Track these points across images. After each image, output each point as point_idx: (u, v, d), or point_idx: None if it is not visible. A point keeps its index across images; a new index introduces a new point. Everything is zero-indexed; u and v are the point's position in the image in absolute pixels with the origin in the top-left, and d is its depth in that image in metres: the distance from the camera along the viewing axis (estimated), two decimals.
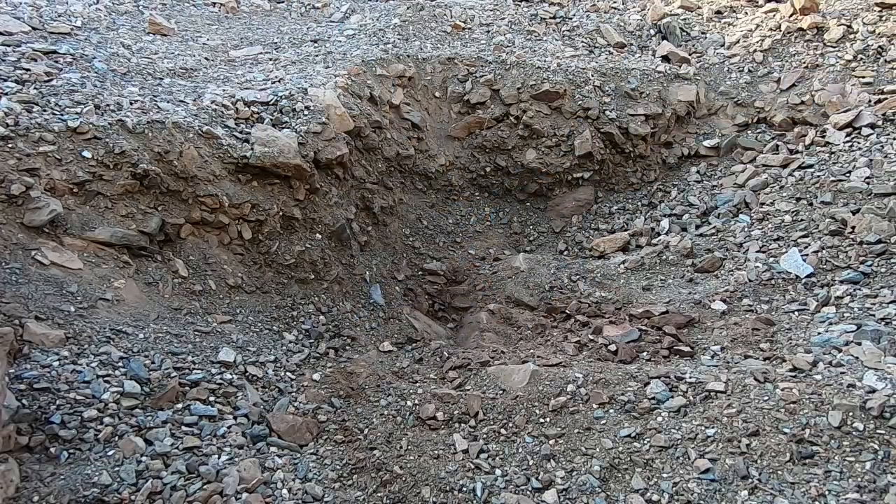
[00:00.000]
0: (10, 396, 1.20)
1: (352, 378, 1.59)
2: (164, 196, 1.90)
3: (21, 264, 1.54)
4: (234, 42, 3.22)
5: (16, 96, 1.92)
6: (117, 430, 1.24)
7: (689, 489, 1.19)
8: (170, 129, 1.98)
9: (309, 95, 2.38)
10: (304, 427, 1.39)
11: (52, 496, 1.09)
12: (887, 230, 1.91)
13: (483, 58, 3.11)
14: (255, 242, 2.08)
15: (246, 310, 1.91)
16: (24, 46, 2.35)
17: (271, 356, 1.69)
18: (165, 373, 1.40)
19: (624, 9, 3.99)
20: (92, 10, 3.12)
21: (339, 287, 2.26)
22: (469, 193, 2.98)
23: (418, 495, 1.23)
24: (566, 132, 2.95)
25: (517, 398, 1.42)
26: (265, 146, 2.09)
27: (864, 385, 1.30)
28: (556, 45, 3.48)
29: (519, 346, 1.79)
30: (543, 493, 1.23)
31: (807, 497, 1.13)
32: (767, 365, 1.49)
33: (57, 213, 1.66)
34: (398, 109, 2.81)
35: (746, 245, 2.18)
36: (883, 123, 2.57)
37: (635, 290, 2.15)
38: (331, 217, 2.30)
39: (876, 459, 1.17)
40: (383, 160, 2.65)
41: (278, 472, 1.26)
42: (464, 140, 2.98)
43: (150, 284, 1.76)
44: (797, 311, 1.76)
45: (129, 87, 2.24)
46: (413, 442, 1.36)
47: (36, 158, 1.73)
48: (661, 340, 1.70)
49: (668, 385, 1.39)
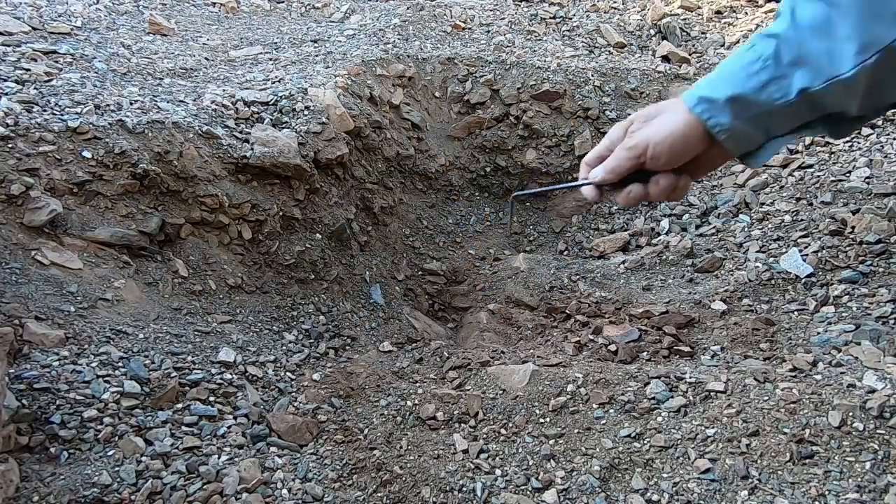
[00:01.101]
0: (10, 396, 1.20)
1: (352, 378, 1.59)
2: (164, 196, 1.90)
3: (21, 264, 1.54)
4: (234, 42, 3.22)
5: (16, 96, 1.92)
6: (117, 430, 1.23)
7: (689, 489, 1.19)
8: (170, 129, 1.97)
9: (309, 95, 2.38)
10: (304, 427, 1.39)
11: (52, 496, 1.09)
12: (887, 230, 1.91)
13: (483, 58, 3.11)
14: (255, 242, 2.07)
15: (246, 310, 1.90)
16: (24, 46, 2.35)
17: (271, 356, 1.68)
18: (165, 373, 1.40)
19: (624, 9, 3.98)
20: (92, 10, 3.12)
21: (339, 287, 2.25)
22: (469, 193, 2.98)
23: (418, 495, 1.23)
24: (566, 132, 2.95)
25: (517, 398, 1.41)
26: (265, 146, 2.09)
27: (864, 385, 1.30)
28: (556, 45, 3.48)
29: (519, 346, 1.79)
30: (543, 493, 1.23)
31: (807, 497, 1.13)
32: (767, 365, 1.49)
33: (57, 213, 1.66)
34: (398, 109, 2.81)
35: (746, 245, 2.18)
36: (883, 123, 2.57)
37: (635, 290, 2.14)
38: (331, 217, 2.30)
39: (876, 459, 1.16)
40: (383, 160, 2.64)
41: (278, 472, 1.26)
42: (464, 140, 2.98)
43: (150, 284, 1.76)
44: (797, 311, 1.75)
45: (129, 87, 2.24)
46: (413, 442, 1.36)
47: (36, 158, 1.73)
48: (661, 340, 1.70)
49: (668, 385, 1.39)
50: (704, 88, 1.22)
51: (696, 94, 1.23)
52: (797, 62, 1.15)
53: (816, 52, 1.13)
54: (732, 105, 1.21)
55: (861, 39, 1.08)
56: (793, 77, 1.15)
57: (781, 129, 1.23)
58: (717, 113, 1.21)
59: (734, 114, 1.21)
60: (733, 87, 1.20)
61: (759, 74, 1.18)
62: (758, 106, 1.20)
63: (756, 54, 1.18)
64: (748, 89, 1.19)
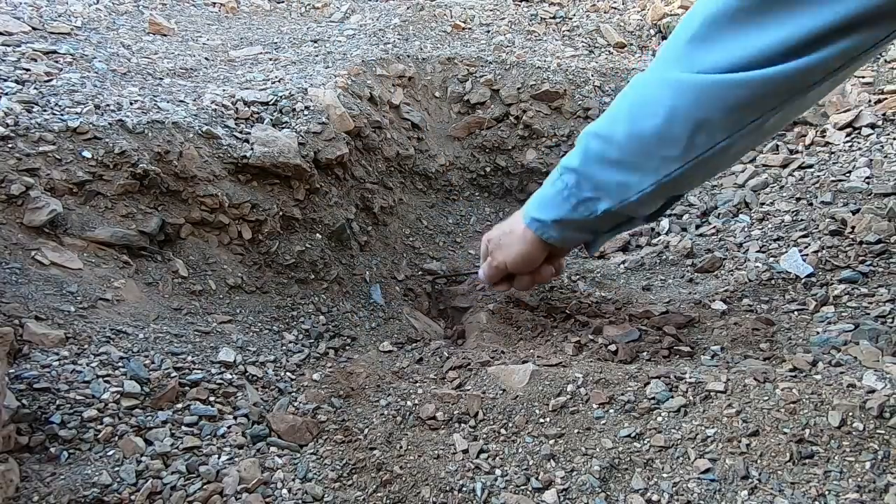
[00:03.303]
0: (10, 396, 1.20)
1: (352, 378, 1.59)
2: (164, 196, 1.89)
3: (21, 264, 1.54)
4: (234, 42, 3.22)
5: (16, 96, 1.92)
6: (117, 430, 1.23)
7: (689, 489, 1.18)
8: (170, 129, 1.97)
9: (309, 95, 2.37)
10: (304, 427, 1.38)
11: (52, 496, 1.08)
12: (887, 230, 1.91)
13: (483, 58, 3.11)
14: (255, 242, 2.07)
15: (246, 310, 1.90)
16: (24, 46, 2.35)
17: (271, 356, 1.68)
18: (165, 373, 1.40)
19: (624, 9, 3.98)
20: (92, 10, 3.12)
21: (339, 287, 2.25)
22: (469, 193, 2.98)
23: (418, 495, 1.22)
24: (566, 132, 2.95)
25: (517, 398, 1.41)
26: (265, 146, 2.09)
27: (864, 385, 1.30)
28: (556, 45, 3.48)
29: (519, 346, 1.78)
30: (543, 493, 1.22)
31: (807, 497, 1.13)
32: (767, 365, 1.49)
33: (57, 213, 1.65)
34: (398, 109, 2.81)
35: (746, 245, 2.18)
36: (883, 123, 2.57)
37: (635, 290, 2.14)
38: (331, 217, 2.30)
39: (876, 459, 1.16)
40: (383, 160, 2.64)
41: (278, 472, 1.26)
42: (464, 140, 2.97)
43: (150, 284, 1.76)
44: (797, 311, 1.75)
45: (129, 87, 2.24)
46: (413, 442, 1.36)
47: (36, 158, 1.72)
48: (661, 340, 1.70)
49: (668, 385, 1.38)
50: (535, 210, 1.62)
51: (530, 214, 1.63)
52: (594, 189, 1.47)
53: (607, 182, 1.45)
54: (556, 224, 1.57)
55: (640, 175, 1.40)
56: (595, 201, 1.49)
57: (601, 229, 1.60)
58: (547, 230, 1.60)
59: (560, 229, 1.58)
60: (555, 211, 1.55)
61: (569, 199, 1.51)
62: (575, 221, 1.54)
63: (563, 184, 1.51)
64: (564, 212, 1.53)
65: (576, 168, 1.46)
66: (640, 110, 1.34)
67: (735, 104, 1.22)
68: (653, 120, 1.31)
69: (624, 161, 1.40)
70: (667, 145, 1.32)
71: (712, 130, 1.27)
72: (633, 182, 1.41)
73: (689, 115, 1.26)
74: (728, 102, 1.22)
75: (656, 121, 1.27)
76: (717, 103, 1.23)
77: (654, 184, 1.39)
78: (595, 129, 1.41)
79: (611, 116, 1.42)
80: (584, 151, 1.46)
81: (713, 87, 1.21)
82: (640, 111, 1.34)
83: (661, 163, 1.36)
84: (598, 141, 1.43)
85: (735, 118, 1.25)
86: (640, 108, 1.34)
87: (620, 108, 1.36)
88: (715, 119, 1.25)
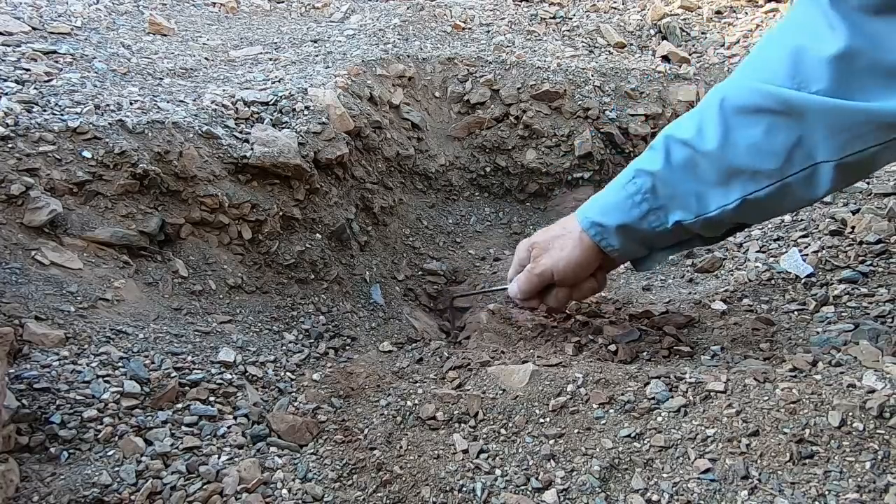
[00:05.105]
0: (10, 396, 1.20)
1: (352, 378, 1.59)
2: (164, 196, 1.89)
3: (21, 264, 1.54)
4: (234, 42, 3.22)
5: (16, 96, 1.92)
6: (117, 430, 1.23)
7: (689, 489, 1.18)
8: (170, 129, 1.97)
9: (309, 95, 2.37)
10: (304, 427, 1.38)
11: (52, 496, 1.08)
12: (887, 230, 1.91)
13: (483, 58, 3.11)
14: (255, 242, 2.07)
15: (246, 310, 1.90)
16: (24, 46, 2.35)
17: (271, 356, 1.68)
18: (165, 373, 1.40)
19: (624, 9, 3.99)
20: (92, 10, 3.12)
21: (339, 287, 2.25)
22: (469, 193, 2.98)
23: (418, 495, 1.22)
24: (566, 132, 2.95)
25: (517, 398, 1.41)
26: (265, 146, 2.09)
27: (864, 385, 1.30)
28: (556, 45, 3.48)
29: (519, 346, 1.78)
30: (543, 493, 1.22)
31: (807, 497, 1.13)
32: (767, 365, 1.49)
33: (57, 213, 1.66)
34: (398, 109, 2.81)
35: (746, 245, 2.18)
36: None
37: (635, 290, 2.14)
38: (331, 217, 2.30)
39: (876, 459, 1.16)
40: (383, 160, 2.64)
41: (278, 472, 1.26)
42: (464, 140, 2.98)
43: (150, 284, 1.76)
44: (797, 311, 1.75)
45: (129, 87, 2.24)
46: (413, 442, 1.36)
47: (36, 158, 1.72)
48: (661, 340, 1.70)
49: (668, 385, 1.38)
50: (596, 213, 1.50)
51: (590, 217, 1.51)
52: (671, 197, 1.39)
53: (687, 192, 1.36)
54: (619, 230, 1.47)
55: (724, 189, 1.32)
56: (668, 211, 1.41)
57: (662, 245, 1.52)
58: (608, 236, 1.49)
59: (622, 237, 1.48)
60: (620, 216, 1.45)
61: (641, 205, 1.42)
62: (640, 231, 1.45)
63: (636, 187, 1.41)
64: (632, 218, 1.44)
65: (654, 172, 1.37)
66: (737, 120, 1.23)
67: (843, 128, 1.11)
68: (754, 129, 1.21)
69: (710, 172, 1.31)
70: (763, 158, 1.23)
71: (811, 148, 1.16)
72: (716, 196, 1.34)
73: (793, 129, 1.15)
74: (842, 126, 1.12)
75: (756, 130, 1.19)
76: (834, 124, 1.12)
77: (739, 199, 1.32)
78: (679, 134, 1.33)
79: (697, 123, 1.31)
80: (666, 157, 1.37)
81: (834, 109, 1.11)
82: (737, 121, 1.23)
83: (750, 178, 1.28)
84: (683, 148, 1.34)
85: (839, 143, 1.15)
86: (738, 118, 1.23)
87: (710, 116, 1.26)
88: (818, 138, 1.15)
